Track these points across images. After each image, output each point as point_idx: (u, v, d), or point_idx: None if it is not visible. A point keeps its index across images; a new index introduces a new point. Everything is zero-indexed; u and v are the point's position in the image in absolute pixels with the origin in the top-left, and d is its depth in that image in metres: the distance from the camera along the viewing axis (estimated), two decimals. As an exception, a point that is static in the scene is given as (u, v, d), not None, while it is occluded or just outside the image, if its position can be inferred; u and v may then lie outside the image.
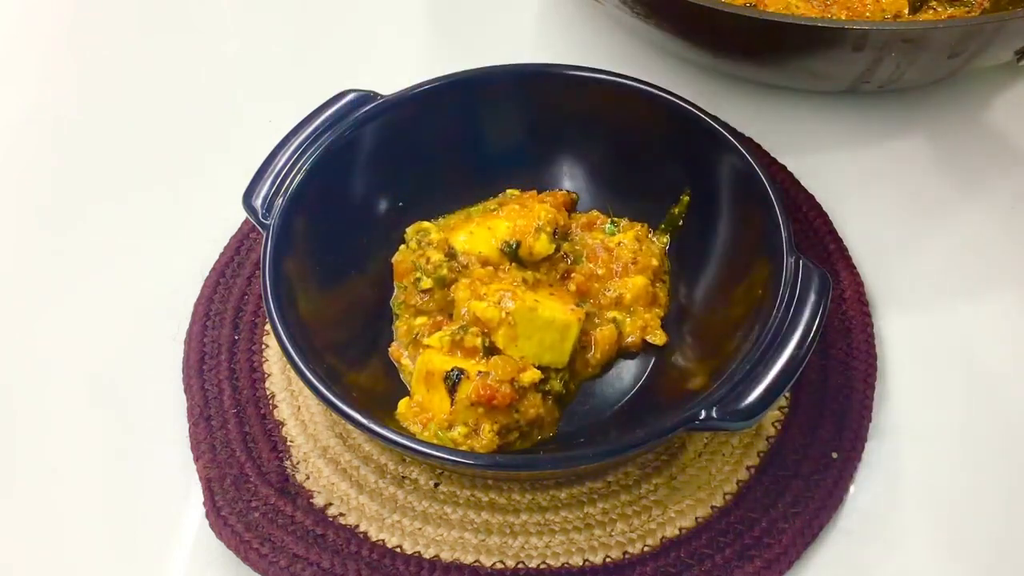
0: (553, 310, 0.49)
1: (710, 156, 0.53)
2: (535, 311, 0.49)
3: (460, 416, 0.47)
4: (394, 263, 0.55)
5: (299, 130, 0.53)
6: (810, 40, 0.55)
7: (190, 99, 0.71)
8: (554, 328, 0.49)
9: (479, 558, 0.47)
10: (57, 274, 0.61)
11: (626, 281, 0.53)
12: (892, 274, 0.58)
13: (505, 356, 0.48)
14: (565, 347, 0.50)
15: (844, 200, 0.61)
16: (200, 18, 0.77)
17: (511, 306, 0.49)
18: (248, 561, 0.47)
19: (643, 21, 0.61)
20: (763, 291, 0.48)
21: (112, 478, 0.51)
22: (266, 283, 0.47)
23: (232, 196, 0.52)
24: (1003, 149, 0.64)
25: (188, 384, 0.53)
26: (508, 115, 0.57)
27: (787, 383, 0.43)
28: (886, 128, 0.65)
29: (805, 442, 0.50)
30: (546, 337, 0.49)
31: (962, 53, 0.55)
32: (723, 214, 0.54)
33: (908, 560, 0.48)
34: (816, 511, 0.48)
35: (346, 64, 0.73)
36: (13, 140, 0.69)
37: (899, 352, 0.54)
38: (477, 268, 0.52)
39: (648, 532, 0.48)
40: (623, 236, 0.55)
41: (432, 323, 0.52)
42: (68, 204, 0.65)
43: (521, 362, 0.48)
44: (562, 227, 0.54)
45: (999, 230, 0.60)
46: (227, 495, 0.49)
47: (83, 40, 0.76)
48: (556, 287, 0.53)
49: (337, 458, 0.51)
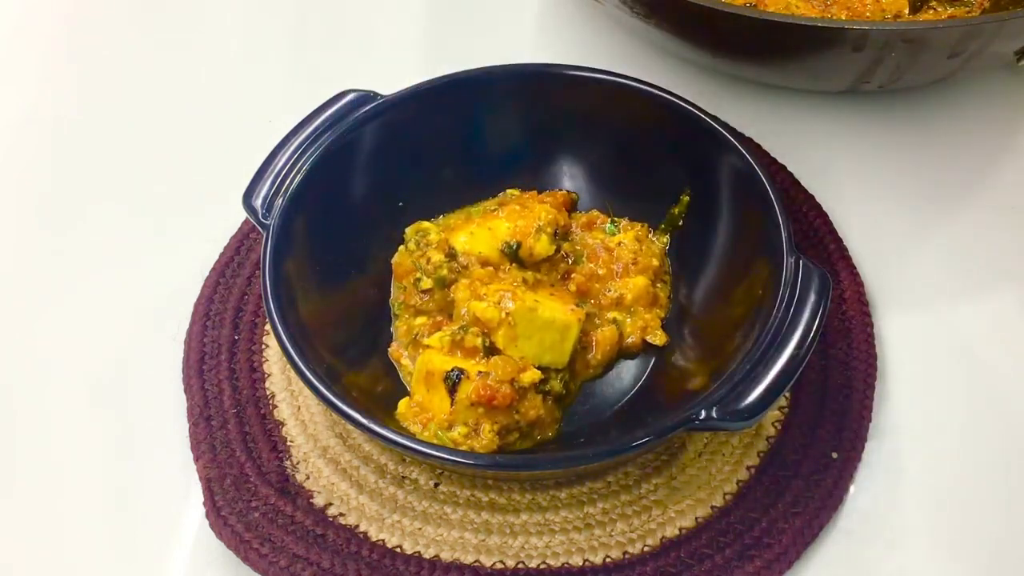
0: (553, 310, 0.49)
1: (710, 156, 0.53)
2: (535, 311, 0.49)
3: (460, 416, 0.47)
4: (393, 264, 0.55)
5: (299, 130, 0.53)
6: (810, 40, 0.55)
7: (190, 99, 0.71)
8: (554, 328, 0.49)
9: (479, 558, 0.47)
10: (57, 274, 0.61)
11: (627, 282, 0.53)
12: (892, 274, 0.58)
13: (505, 356, 0.48)
14: (565, 347, 0.50)
15: (844, 200, 0.61)
16: (200, 18, 0.77)
17: (511, 306, 0.49)
18: (248, 561, 0.47)
19: (643, 21, 0.61)
20: (763, 291, 0.48)
21: (112, 478, 0.51)
22: (266, 283, 0.47)
23: (232, 196, 0.52)
24: (1003, 149, 0.64)
25: (188, 384, 0.53)
26: (508, 115, 0.57)
27: (787, 383, 0.43)
28: (886, 128, 0.65)
29: (805, 442, 0.50)
30: (546, 337, 0.49)
31: (962, 53, 0.55)
32: (723, 214, 0.54)
33: (908, 560, 0.48)
34: (816, 511, 0.48)
35: (346, 64, 0.73)
36: (13, 140, 0.69)
37: (899, 352, 0.54)
38: (477, 268, 0.52)
39: (648, 532, 0.48)
40: (623, 236, 0.55)
41: (432, 323, 0.52)
42: (68, 204, 0.65)
43: (521, 362, 0.48)
44: (562, 227, 0.54)
45: (999, 230, 0.60)
46: (227, 495, 0.49)
47: (83, 40, 0.76)
48: (557, 287, 0.53)
49: (337, 458, 0.51)
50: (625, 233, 0.55)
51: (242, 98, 0.71)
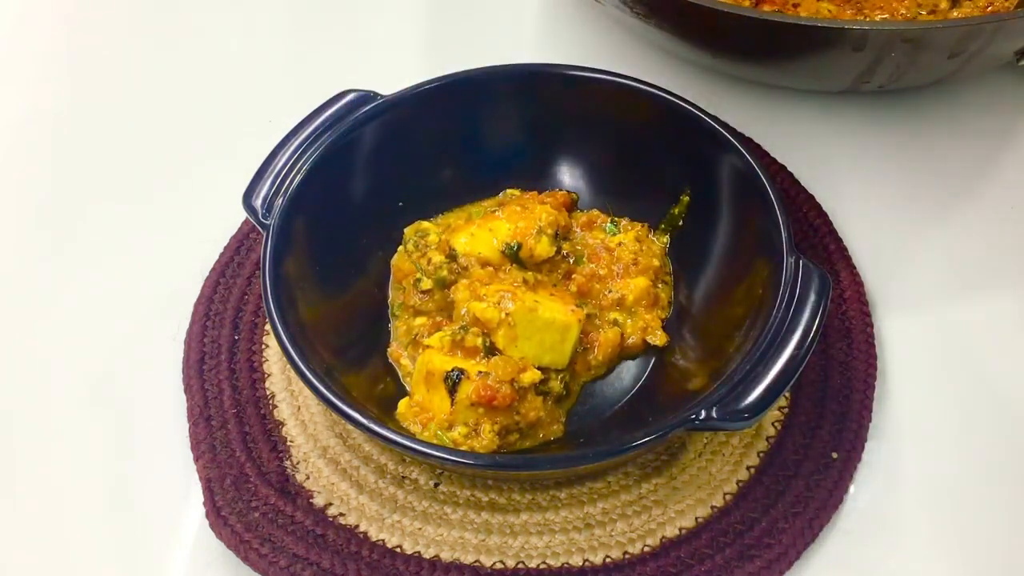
0: (553, 311, 0.49)
1: (710, 156, 0.53)
2: (535, 312, 0.49)
3: (460, 416, 0.47)
4: (392, 266, 0.55)
5: (299, 130, 0.53)
6: (810, 40, 0.55)
7: (190, 99, 0.71)
8: (554, 329, 0.49)
9: (479, 558, 0.47)
10: (57, 274, 0.61)
11: (628, 282, 0.53)
12: (892, 274, 0.58)
13: (505, 356, 0.48)
14: (565, 348, 0.50)
15: (844, 200, 0.61)
16: (200, 18, 0.77)
17: (511, 307, 0.48)
18: (248, 561, 0.47)
19: (643, 21, 0.61)
20: (763, 291, 0.48)
21: (112, 478, 0.51)
22: (266, 283, 0.48)
23: (232, 196, 0.52)
24: (1003, 149, 0.64)
25: (188, 384, 0.53)
26: (508, 115, 0.57)
27: (787, 383, 0.43)
28: (886, 128, 0.65)
29: (805, 442, 0.50)
30: (546, 338, 0.49)
31: (962, 53, 0.55)
32: (723, 214, 0.54)
33: (908, 560, 0.48)
34: (816, 511, 0.48)
35: (346, 64, 0.73)
36: (13, 140, 0.69)
37: (899, 352, 0.54)
38: (477, 269, 0.52)
39: (648, 532, 0.48)
40: (623, 236, 0.55)
41: (432, 323, 0.52)
42: (68, 204, 0.65)
43: (521, 362, 0.48)
44: (563, 228, 0.54)
45: (999, 230, 0.60)
46: (227, 495, 0.49)
47: (83, 40, 0.76)
48: (558, 288, 0.53)
49: (337, 458, 0.51)
50: (625, 233, 0.55)
51: (242, 98, 0.71)
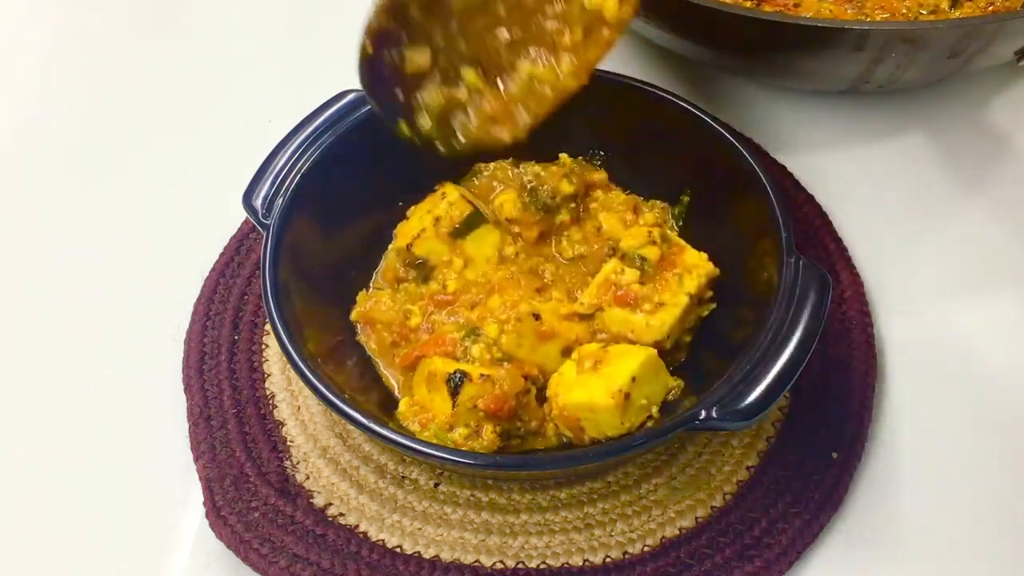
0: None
1: (710, 156, 0.53)
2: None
3: (462, 419, 0.46)
4: (361, 313, 0.53)
5: (299, 130, 0.53)
6: (810, 40, 0.55)
7: (190, 99, 0.71)
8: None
9: (479, 558, 0.47)
10: (58, 274, 0.61)
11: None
12: (892, 274, 0.58)
13: (512, 369, 0.47)
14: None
15: (844, 200, 0.61)
16: (200, 18, 0.77)
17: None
18: (248, 561, 0.47)
19: (643, 21, 0.61)
20: (763, 291, 0.48)
21: (112, 478, 0.51)
22: (266, 283, 0.47)
23: (232, 196, 0.52)
24: (1003, 149, 0.64)
25: (188, 384, 0.53)
26: (508, 115, 0.57)
27: (787, 383, 0.43)
28: (886, 128, 0.65)
29: (805, 442, 0.50)
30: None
31: (962, 53, 0.55)
32: (723, 214, 0.53)
33: (908, 560, 0.48)
34: (816, 511, 0.48)
35: (346, 64, 0.72)
36: (13, 140, 0.69)
37: (899, 352, 0.54)
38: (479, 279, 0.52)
39: (648, 532, 0.48)
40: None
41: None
42: (68, 204, 0.65)
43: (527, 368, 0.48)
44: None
45: (999, 230, 0.60)
46: (227, 495, 0.49)
47: (83, 40, 0.76)
48: (565, 295, 0.53)
49: (337, 458, 0.51)
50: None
51: (242, 98, 0.71)
